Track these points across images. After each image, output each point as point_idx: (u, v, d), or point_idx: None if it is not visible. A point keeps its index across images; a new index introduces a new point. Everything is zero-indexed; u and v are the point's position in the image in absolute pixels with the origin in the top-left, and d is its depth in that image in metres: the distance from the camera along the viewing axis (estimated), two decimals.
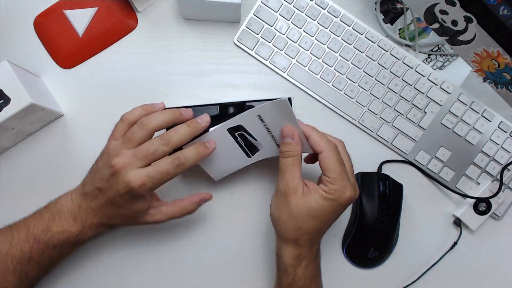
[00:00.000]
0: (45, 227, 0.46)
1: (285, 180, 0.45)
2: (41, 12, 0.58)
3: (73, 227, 0.46)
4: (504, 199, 0.59)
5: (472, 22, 0.48)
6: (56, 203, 0.47)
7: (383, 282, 0.59)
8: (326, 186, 0.44)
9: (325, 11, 0.59)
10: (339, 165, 0.45)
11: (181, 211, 0.49)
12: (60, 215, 0.46)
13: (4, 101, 0.49)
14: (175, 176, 0.45)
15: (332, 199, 0.44)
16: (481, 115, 0.60)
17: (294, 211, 0.44)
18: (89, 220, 0.47)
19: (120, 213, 0.46)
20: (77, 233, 0.47)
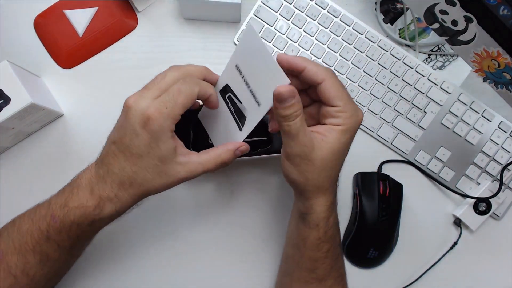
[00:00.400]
0: (63, 202, 0.41)
1: (301, 142, 0.39)
2: (41, 12, 0.58)
3: (90, 201, 0.40)
4: (504, 199, 0.59)
5: (472, 22, 0.48)
6: (77, 177, 0.42)
7: (383, 282, 0.59)
8: (339, 118, 0.40)
9: (325, 11, 0.59)
10: (344, 89, 0.41)
11: (215, 159, 0.42)
12: (78, 189, 0.41)
13: (4, 101, 0.49)
14: (190, 98, 0.39)
15: (350, 129, 0.40)
16: (481, 115, 0.60)
17: (322, 164, 0.40)
18: (107, 190, 0.40)
19: (143, 166, 0.39)
20: (93, 207, 0.40)
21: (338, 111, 0.40)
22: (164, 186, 0.40)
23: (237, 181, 0.58)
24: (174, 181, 0.40)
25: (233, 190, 0.58)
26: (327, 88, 0.40)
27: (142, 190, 0.40)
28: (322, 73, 0.40)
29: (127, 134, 0.38)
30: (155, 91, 0.39)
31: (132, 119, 0.38)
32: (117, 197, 0.40)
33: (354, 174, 0.59)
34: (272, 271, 0.56)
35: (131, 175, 0.39)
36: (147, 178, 0.39)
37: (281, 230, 0.57)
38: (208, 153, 0.42)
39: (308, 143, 0.39)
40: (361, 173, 0.58)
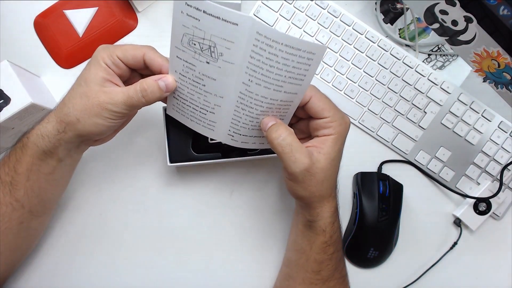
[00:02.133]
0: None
1: (298, 160, 0.41)
2: (41, 12, 0.58)
3: (36, 124, 0.43)
4: (504, 199, 0.59)
5: (472, 22, 0.48)
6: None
7: (383, 282, 0.59)
8: (329, 128, 0.43)
9: (325, 11, 0.59)
10: (329, 100, 0.43)
11: (135, 87, 0.42)
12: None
13: (4, 101, 0.49)
14: (136, 57, 0.42)
15: (341, 135, 0.43)
16: (481, 115, 0.60)
17: (323, 175, 0.42)
18: (51, 115, 0.43)
19: (72, 87, 0.42)
20: (30, 129, 0.43)
21: (329, 121, 0.43)
22: (83, 109, 0.41)
23: (236, 181, 0.58)
24: (93, 103, 0.41)
25: (232, 189, 0.58)
26: (315, 103, 0.43)
27: (64, 110, 0.42)
28: (308, 92, 0.43)
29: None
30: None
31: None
32: (47, 118, 0.43)
33: (354, 174, 0.59)
34: (272, 270, 0.56)
35: (65, 95, 0.43)
36: (70, 96, 0.42)
37: (281, 229, 0.57)
38: (130, 85, 0.43)
39: (305, 159, 0.41)
40: (361, 173, 0.58)
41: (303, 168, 0.41)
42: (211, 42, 0.38)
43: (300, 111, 0.45)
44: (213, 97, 0.42)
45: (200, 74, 0.41)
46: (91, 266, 0.56)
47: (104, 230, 0.56)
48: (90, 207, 0.56)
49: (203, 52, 0.39)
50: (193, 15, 0.38)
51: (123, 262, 0.56)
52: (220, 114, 0.43)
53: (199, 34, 0.38)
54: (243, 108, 0.42)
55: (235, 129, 0.44)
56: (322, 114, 0.43)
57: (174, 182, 0.57)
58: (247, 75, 0.39)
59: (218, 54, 0.39)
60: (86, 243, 0.56)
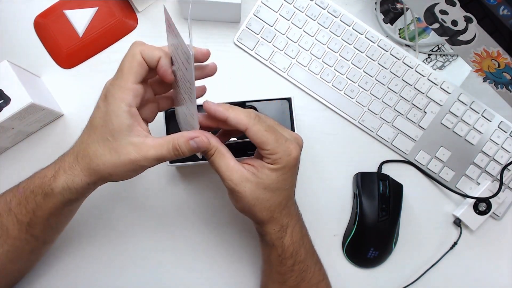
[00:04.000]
0: (34, 173, 0.43)
1: (225, 177, 0.41)
2: (41, 12, 0.58)
3: (50, 171, 0.41)
4: (504, 199, 0.59)
5: (472, 22, 0.48)
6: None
7: (383, 282, 0.59)
8: (269, 159, 0.41)
9: (325, 11, 0.59)
10: (270, 133, 0.41)
11: (167, 144, 0.40)
12: (53, 162, 0.42)
13: (4, 101, 0.49)
14: (135, 61, 0.39)
15: (281, 167, 0.41)
16: (481, 115, 0.60)
17: (253, 197, 0.41)
18: (66, 160, 0.41)
19: (96, 139, 0.39)
20: (50, 177, 0.41)
21: (268, 153, 0.41)
22: (115, 166, 0.39)
23: None
24: (125, 160, 0.39)
25: None
26: (251, 136, 0.41)
27: (92, 165, 0.39)
28: (244, 121, 0.40)
29: (94, 109, 0.40)
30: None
31: (100, 96, 0.40)
32: (70, 169, 0.40)
33: (354, 174, 0.59)
34: None
35: (85, 147, 0.40)
36: (97, 152, 0.39)
37: None
38: (163, 138, 0.40)
39: (233, 177, 0.41)
40: (361, 173, 0.58)
41: (228, 184, 0.41)
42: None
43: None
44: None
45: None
46: (91, 266, 0.56)
47: (103, 230, 0.56)
48: (90, 207, 0.56)
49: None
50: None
51: (122, 261, 0.56)
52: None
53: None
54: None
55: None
56: (261, 146, 0.41)
57: (174, 182, 0.57)
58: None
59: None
60: (85, 243, 0.56)
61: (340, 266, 0.58)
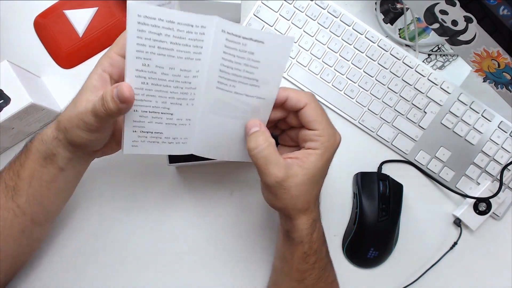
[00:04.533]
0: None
1: (272, 174, 0.40)
2: (41, 12, 0.58)
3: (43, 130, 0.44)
4: (504, 199, 0.59)
5: (472, 22, 0.48)
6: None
7: (383, 282, 0.58)
8: (316, 141, 0.41)
9: (325, 11, 0.59)
10: (324, 114, 0.42)
11: (99, 97, 0.38)
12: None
13: (4, 101, 0.49)
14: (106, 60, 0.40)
15: (327, 152, 0.42)
16: (481, 115, 0.60)
17: (298, 191, 0.41)
18: (54, 121, 0.43)
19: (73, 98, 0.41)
20: (39, 134, 0.43)
21: (317, 134, 0.42)
22: (69, 118, 0.40)
23: (236, 181, 0.58)
24: (76, 114, 0.39)
25: (232, 190, 0.58)
26: (308, 112, 0.41)
27: (60, 118, 0.41)
28: (304, 98, 0.42)
29: None
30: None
31: None
32: (50, 125, 0.43)
33: (354, 174, 0.59)
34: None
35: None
36: (68, 104, 0.42)
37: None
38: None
39: (279, 173, 0.40)
40: (361, 173, 0.58)
41: (275, 181, 0.41)
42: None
43: (293, 118, 0.44)
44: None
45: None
46: (90, 266, 0.56)
47: (103, 231, 0.56)
48: (89, 207, 0.56)
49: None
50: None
51: (122, 262, 0.56)
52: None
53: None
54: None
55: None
56: (312, 125, 0.42)
57: (174, 182, 0.57)
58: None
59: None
60: (85, 243, 0.56)
61: (340, 266, 0.58)
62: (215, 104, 0.41)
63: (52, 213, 0.49)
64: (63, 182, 0.46)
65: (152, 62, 0.37)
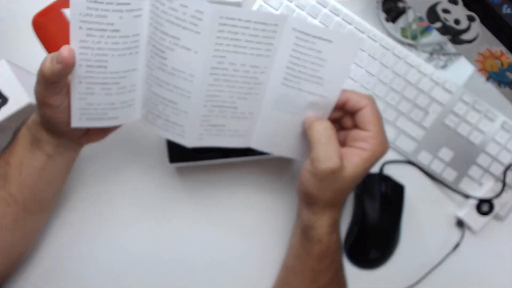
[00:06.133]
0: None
1: (332, 157, 0.40)
2: (40, 11, 0.58)
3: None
4: (507, 199, 0.59)
5: (475, 21, 0.48)
6: None
7: (385, 283, 0.58)
8: (368, 143, 0.42)
9: (326, 10, 0.59)
10: (380, 119, 0.43)
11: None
12: None
13: (2, 101, 0.49)
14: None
15: (374, 156, 0.42)
16: (484, 115, 0.60)
17: (342, 185, 0.42)
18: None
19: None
20: (28, 119, 0.45)
21: (370, 136, 0.42)
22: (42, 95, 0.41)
23: (237, 182, 0.58)
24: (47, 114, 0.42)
25: (233, 190, 0.58)
26: (367, 113, 0.42)
27: (38, 101, 0.42)
28: (365, 99, 0.43)
29: None
30: None
31: None
32: (32, 121, 0.44)
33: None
34: (273, 272, 0.56)
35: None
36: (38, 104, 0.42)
37: (282, 231, 0.57)
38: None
39: (337, 159, 0.40)
40: None
41: (331, 167, 0.40)
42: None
43: (348, 120, 0.44)
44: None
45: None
46: (90, 266, 0.56)
47: (103, 231, 0.56)
48: (89, 207, 0.56)
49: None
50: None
51: (121, 262, 0.56)
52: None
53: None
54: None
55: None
56: (367, 126, 0.42)
57: (174, 182, 0.57)
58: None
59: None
60: (84, 244, 0.56)
61: None
62: (278, 99, 0.42)
63: (44, 202, 0.49)
64: (53, 170, 0.46)
65: (225, 60, 0.39)
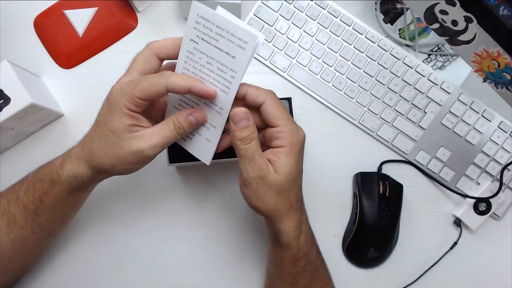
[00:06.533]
0: (44, 164, 0.45)
1: (257, 166, 0.40)
2: (41, 12, 0.58)
3: (59, 159, 0.44)
4: (504, 199, 0.59)
5: (472, 22, 0.48)
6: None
7: (383, 282, 0.58)
8: (280, 138, 0.41)
9: (325, 11, 0.59)
10: (284, 110, 0.42)
11: (169, 124, 0.41)
12: (61, 154, 0.45)
13: (4, 101, 0.49)
14: (152, 86, 0.39)
15: (293, 148, 0.41)
16: (481, 115, 0.60)
17: (277, 189, 0.41)
18: (73, 150, 0.43)
19: (98, 134, 0.41)
20: (58, 165, 0.43)
21: (279, 131, 0.41)
22: (117, 157, 0.40)
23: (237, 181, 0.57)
24: (128, 152, 0.40)
25: (232, 190, 0.58)
26: (268, 108, 0.41)
27: (96, 158, 0.41)
28: (263, 94, 0.41)
29: (101, 107, 0.42)
30: (130, 73, 0.41)
31: (105, 99, 0.41)
32: (76, 159, 0.42)
33: (354, 174, 0.59)
34: None
35: (90, 141, 0.42)
36: (100, 146, 0.41)
37: None
38: (161, 122, 0.42)
39: (264, 166, 0.41)
40: (361, 173, 0.58)
41: (259, 175, 0.40)
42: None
43: (257, 119, 0.43)
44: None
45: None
46: (90, 266, 0.56)
47: (103, 231, 0.56)
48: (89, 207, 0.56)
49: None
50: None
51: (121, 262, 0.56)
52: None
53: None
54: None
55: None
56: (274, 122, 0.41)
57: (174, 182, 0.57)
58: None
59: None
60: (84, 244, 0.56)
61: (340, 267, 0.58)
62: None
63: (67, 223, 0.51)
64: (83, 199, 0.48)
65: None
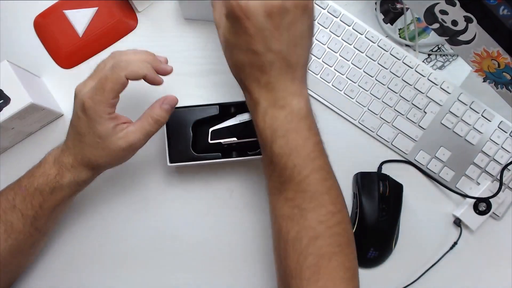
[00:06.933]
0: (30, 173, 0.47)
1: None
2: (41, 12, 0.58)
3: (52, 169, 0.45)
4: (504, 199, 0.59)
5: (472, 22, 0.48)
6: (46, 154, 0.48)
7: (383, 282, 0.58)
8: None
9: (325, 11, 0.59)
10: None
11: (147, 120, 0.45)
12: (44, 162, 0.47)
13: (4, 101, 0.49)
14: (117, 83, 0.42)
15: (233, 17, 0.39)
16: (481, 115, 0.60)
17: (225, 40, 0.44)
18: (66, 160, 0.45)
19: (87, 143, 0.44)
20: (54, 175, 0.45)
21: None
22: (111, 157, 0.45)
23: (236, 181, 0.58)
24: (118, 151, 0.44)
25: (232, 190, 0.58)
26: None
27: (92, 163, 0.45)
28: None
29: (74, 117, 0.45)
30: (94, 80, 0.43)
31: (76, 105, 0.44)
32: (73, 168, 0.45)
33: (354, 174, 0.59)
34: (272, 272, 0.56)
35: (80, 151, 0.45)
36: (93, 153, 0.45)
37: None
38: (140, 119, 0.46)
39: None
40: (361, 173, 0.58)
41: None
42: None
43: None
44: None
45: None
46: (88, 266, 0.56)
47: (102, 231, 0.56)
48: (89, 207, 0.56)
49: None
50: None
51: (121, 261, 0.56)
52: None
53: None
54: None
55: None
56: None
57: (174, 182, 0.57)
58: None
59: None
60: (84, 244, 0.56)
61: None
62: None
63: (60, 220, 0.53)
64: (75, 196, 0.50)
65: None
